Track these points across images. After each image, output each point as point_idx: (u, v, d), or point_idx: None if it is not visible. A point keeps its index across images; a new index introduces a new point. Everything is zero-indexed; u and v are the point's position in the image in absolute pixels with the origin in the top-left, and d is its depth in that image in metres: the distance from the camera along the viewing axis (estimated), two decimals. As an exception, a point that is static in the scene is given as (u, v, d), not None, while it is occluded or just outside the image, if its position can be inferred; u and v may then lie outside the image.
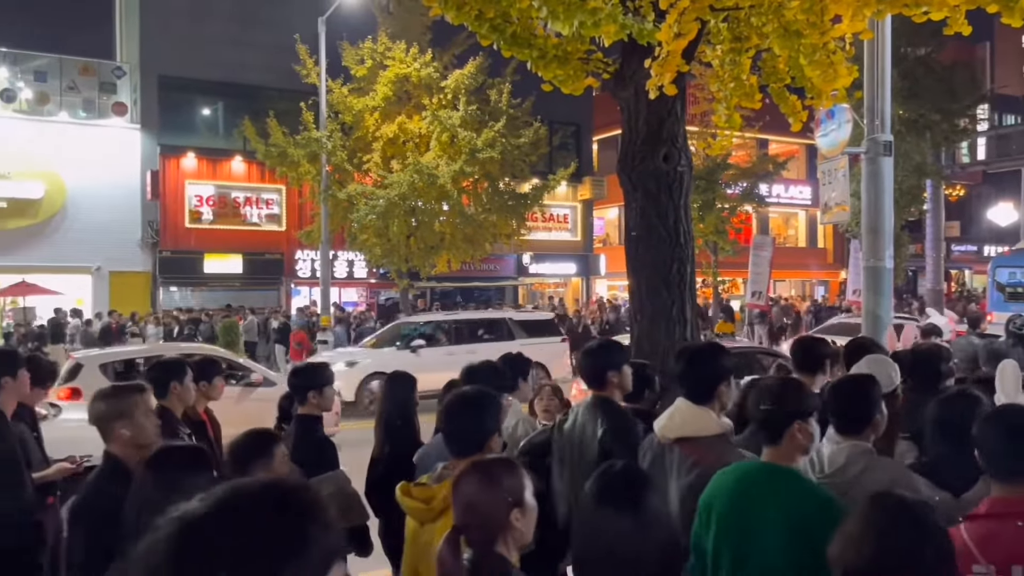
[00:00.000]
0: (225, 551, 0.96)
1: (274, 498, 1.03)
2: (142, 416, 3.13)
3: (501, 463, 2.26)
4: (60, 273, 23.21)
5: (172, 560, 0.95)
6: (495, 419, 2.85)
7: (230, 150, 26.05)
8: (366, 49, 20.63)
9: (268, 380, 10.77)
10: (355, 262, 26.80)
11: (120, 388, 3.30)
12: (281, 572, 0.97)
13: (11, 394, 4.06)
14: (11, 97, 23.68)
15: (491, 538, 2.09)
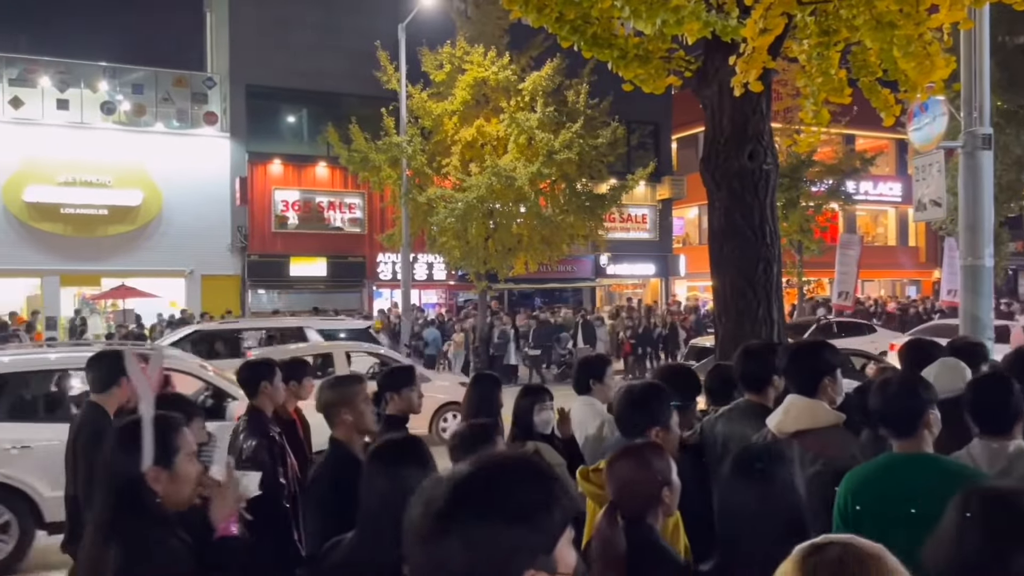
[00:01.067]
0: (494, 500, 1.19)
1: (530, 464, 1.28)
2: (362, 404, 3.43)
3: (652, 447, 2.62)
4: (156, 277, 24.28)
5: (451, 505, 1.19)
6: (656, 411, 3.10)
7: (314, 156, 26.76)
8: (445, 54, 20.89)
9: (424, 377, 11.29)
10: (435, 264, 27.12)
11: (344, 378, 3.65)
12: (532, 520, 1.19)
13: (124, 394, 4.24)
14: (111, 109, 24.90)
15: (644, 512, 2.42)
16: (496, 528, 1.17)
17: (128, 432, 2.36)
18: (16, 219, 23.59)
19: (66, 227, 24.18)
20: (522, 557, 1.18)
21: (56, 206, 24.00)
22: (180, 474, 2.38)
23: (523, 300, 29.32)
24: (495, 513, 1.18)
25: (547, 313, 23.26)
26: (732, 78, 4.96)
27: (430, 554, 1.19)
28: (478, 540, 1.16)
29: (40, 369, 7.32)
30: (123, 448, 2.34)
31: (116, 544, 2.18)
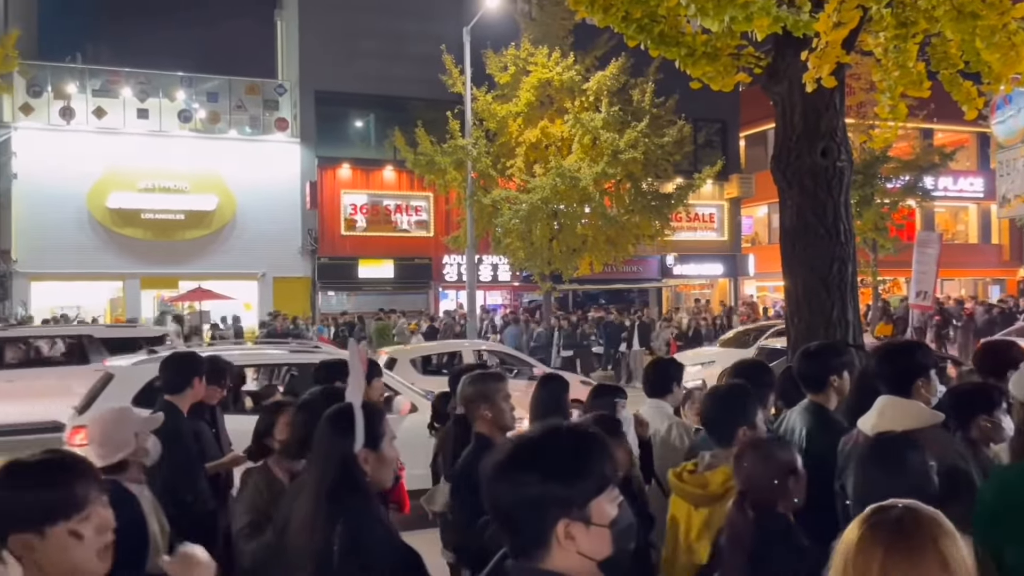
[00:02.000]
0: (536, 459, 1.54)
1: (577, 435, 1.59)
2: (502, 401, 3.54)
3: (776, 442, 2.84)
4: (230, 279, 25.00)
5: (507, 458, 1.55)
6: (745, 411, 3.18)
7: (382, 160, 27.18)
8: (509, 56, 20.96)
9: None
10: (499, 266, 27.22)
11: (485, 375, 3.74)
12: (566, 479, 1.50)
13: (196, 394, 4.40)
14: (188, 117, 25.78)
15: (773, 501, 2.60)
16: (534, 481, 1.51)
17: (341, 417, 2.55)
18: (100, 224, 24.61)
19: (146, 232, 25.11)
20: (556, 507, 1.50)
21: (137, 212, 24.96)
22: (385, 456, 2.59)
23: (588, 301, 29.20)
24: (535, 469, 1.52)
25: (575, 315, 23.16)
26: (804, 74, 4.84)
27: (489, 493, 1.56)
28: (520, 488, 1.51)
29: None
30: (336, 431, 2.53)
31: (341, 518, 2.37)
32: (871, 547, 1.53)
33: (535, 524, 1.51)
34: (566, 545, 1.49)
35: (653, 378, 4.45)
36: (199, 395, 4.44)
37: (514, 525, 1.53)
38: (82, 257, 24.02)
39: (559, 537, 1.50)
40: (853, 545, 1.56)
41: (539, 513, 1.50)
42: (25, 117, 24.08)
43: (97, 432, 3.14)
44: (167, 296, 25.67)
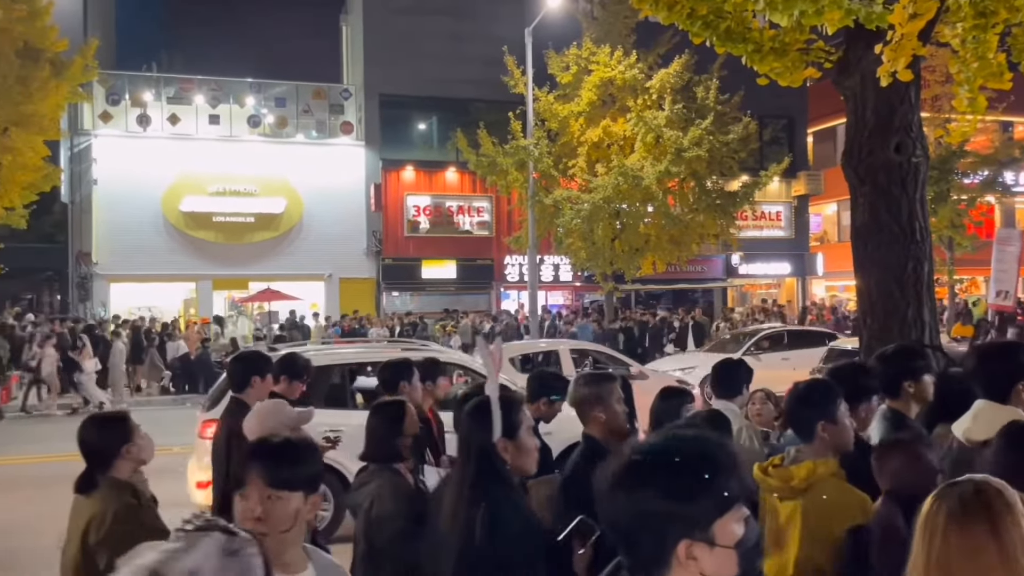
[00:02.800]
0: (656, 476, 1.43)
1: (701, 449, 1.48)
2: (616, 403, 3.51)
3: (919, 440, 2.91)
4: (298, 281, 25.55)
5: (623, 474, 1.46)
6: (825, 407, 3.13)
7: (444, 162, 27.42)
8: (571, 55, 20.92)
9: (643, 374, 12.02)
10: (561, 266, 27.17)
11: (598, 376, 3.71)
12: (688, 498, 1.40)
13: (258, 392, 4.48)
14: (256, 122, 26.44)
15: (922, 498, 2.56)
16: (654, 499, 1.41)
17: (479, 409, 2.68)
18: (174, 228, 25.44)
19: (217, 234, 25.85)
20: (677, 526, 1.41)
21: (208, 215, 25.71)
22: (523, 444, 2.69)
23: (651, 301, 28.93)
24: (654, 487, 1.42)
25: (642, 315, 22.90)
26: (877, 67, 4.71)
27: (605, 511, 1.50)
28: (639, 506, 1.43)
29: (342, 363, 8.40)
30: (475, 423, 2.66)
31: (484, 505, 2.49)
32: (935, 516, 1.74)
33: (654, 543, 1.42)
34: (687, 565, 1.41)
35: (722, 379, 4.37)
36: (262, 393, 4.51)
37: (631, 542, 1.46)
38: (158, 259, 24.87)
39: (680, 558, 1.41)
40: (923, 516, 1.76)
41: (658, 532, 1.42)
42: (104, 125, 25.05)
43: (254, 425, 3.33)
44: (237, 297, 26.38)
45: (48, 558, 3.38)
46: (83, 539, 2.89)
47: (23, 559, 7.05)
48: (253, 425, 3.40)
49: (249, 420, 3.47)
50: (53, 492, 8.88)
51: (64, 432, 12.56)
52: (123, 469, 3.05)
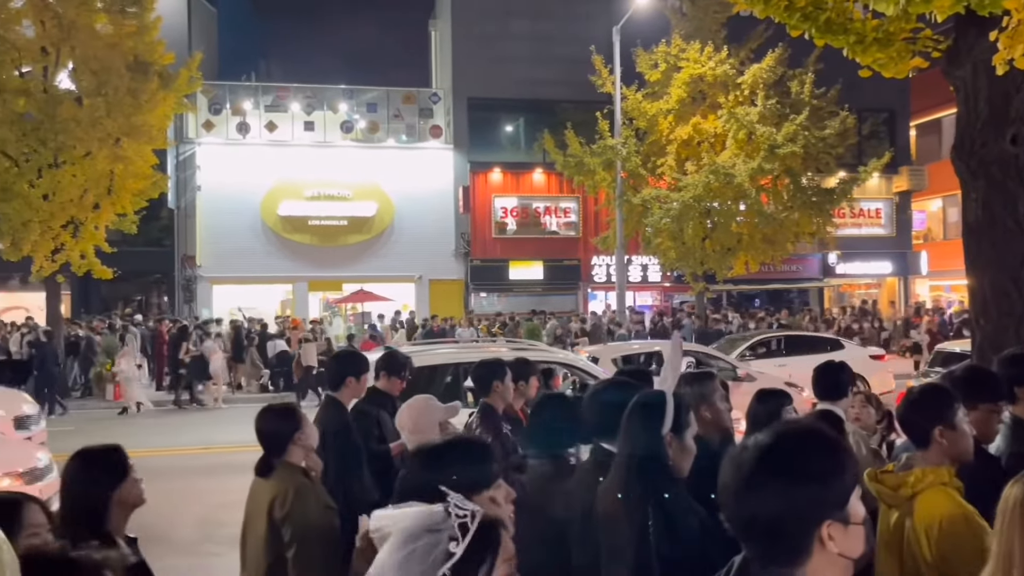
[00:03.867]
0: (792, 465, 1.48)
1: (822, 434, 1.56)
2: (719, 401, 3.59)
3: None
4: (389, 282, 26.10)
5: (757, 468, 1.49)
6: (940, 412, 3.05)
7: (531, 163, 27.50)
8: (660, 53, 20.66)
9: (749, 376, 12.01)
10: (649, 266, 26.87)
11: (701, 375, 3.80)
12: (826, 481, 1.48)
13: (353, 391, 4.60)
14: (349, 128, 27.15)
15: None
16: (793, 487, 1.47)
17: (651, 403, 2.68)
18: (272, 231, 26.38)
19: (313, 237, 26.66)
20: (819, 510, 1.48)
21: (304, 219, 26.55)
22: (687, 446, 2.68)
23: (743, 302, 28.27)
24: (791, 475, 1.48)
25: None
26: (990, 55, 4.47)
27: (741, 508, 1.51)
28: (779, 497, 1.46)
29: (456, 362, 8.58)
30: (646, 414, 2.65)
31: (653, 498, 2.49)
32: (1015, 499, 1.81)
33: (799, 529, 1.48)
34: (828, 547, 1.48)
35: (824, 382, 4.22)
36: (358, 391, 4.63)
37: (774, 532, 1.49)
38: (256, 262, 25.85)
39: (823, 540, 1.48)
40: (1006, 498, 1.82)
41: (803, 517, 1.48)
42: (207, 133, 26.19)
43: (407, 420, 3.50)
44: (332, 298, 27.13)
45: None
46: (269, 515, 3.28)
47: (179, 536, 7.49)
48: (404, 419, 3.53)
49: (401, 414, 3.60)
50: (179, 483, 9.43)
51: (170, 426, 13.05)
52: (295, 454, 3.41)
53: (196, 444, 12.94)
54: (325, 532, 3.35)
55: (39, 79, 16.41)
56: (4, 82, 16.03)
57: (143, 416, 16.17)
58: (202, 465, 11.12)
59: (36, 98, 16.10)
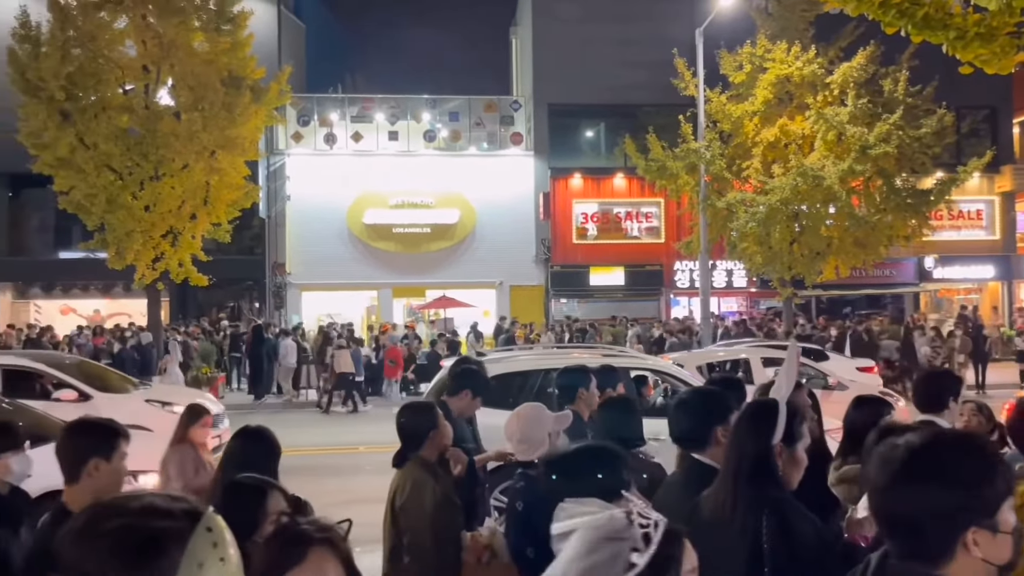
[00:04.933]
0: (941, 468, 1.51)
1: (975, 441, 1.60)
2: (807, 410, 3.48)
3: None
4: (471, 288, 26.35)
5: (905, 467, 1.53)
6: None
7: (612, 168, 27.35)
8: (744, 54, 20.26)
9: (841, 384, 11.97)
10: (734, 271, 26.36)
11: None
12: (973, 487, 1.49)
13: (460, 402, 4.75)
14: (432, 137, 27.58)
15: None
16: (940, 490, 1.49)
17: (763, 409, 2.62)
18: (358, 239, 27.00)
19: (396, 245, 27.17)
20: (965, 515, 1.49)
21: (389, 227, 27.09)
22: (797, 458, 2.63)
23: (833, 308, 27.36)
24: (940, 478, 1.50)
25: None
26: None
27: (883, 504, 1.56)
28: (925, 498, 1.50)
29: (549, 368, 8.45)
30: (757, 422, 2.58)
31: (766, 508, 2.44)
32: None
33: (943, 532, 1.51)
34: (973, 552, 1.50)
35: (925, 391, 4.06)
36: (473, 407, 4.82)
37: (917, 532, 1.53)
38: (343, 269, 26.51)
39: (967, 545, 1.50)
40: None
41: (949, 520, 1.50)
42: (296, 144, 27.02)
43: (516, 429, 3.48)
44: (415, 304, 27.57)
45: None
46: (391, 503, 3.65)
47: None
48: (513, 428, 3.51)
49: (510, 423, 3.57)
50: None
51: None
52: (429, 450, 3.65)
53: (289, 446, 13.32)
54: (439, 526, 3.48)
55: (141, 96, 17.26)
56: (109, 100, 16.93)
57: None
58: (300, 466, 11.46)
59: (138, 114, 16.93)
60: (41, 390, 10.80)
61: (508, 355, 9.36)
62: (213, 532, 1.16)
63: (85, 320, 25.87)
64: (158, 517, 1.14)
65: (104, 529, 1.12)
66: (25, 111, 16.59)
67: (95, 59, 16.74)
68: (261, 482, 2.34)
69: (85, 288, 27.13)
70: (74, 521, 1.16)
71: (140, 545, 1.11)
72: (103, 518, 1.14)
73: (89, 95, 16.78)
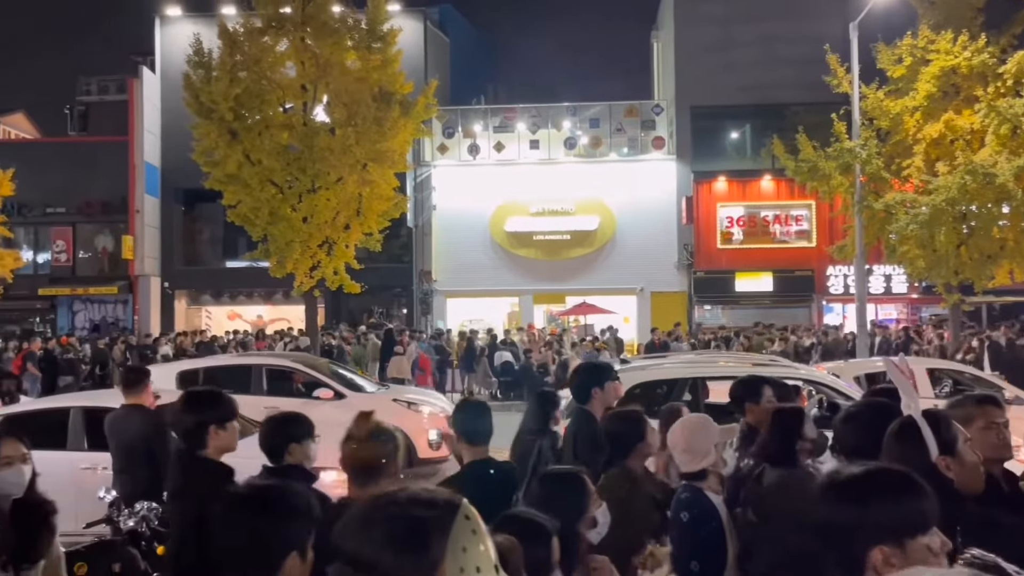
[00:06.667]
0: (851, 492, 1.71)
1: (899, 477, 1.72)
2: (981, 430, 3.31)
3: None
4: (611, 295, 26.23)
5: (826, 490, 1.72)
6: None
7: (758, 170, 26.51)
8: (904, 46, 19.07)
9: (1019, 398, 11.32)
10: (893, 276, 24.94)
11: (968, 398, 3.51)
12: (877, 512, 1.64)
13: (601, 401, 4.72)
14: (572, 144, 27.72)
15: None
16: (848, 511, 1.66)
17: (906, 430, 2.58)
18: (500, 247, 27.51)
19: (537, 252, 27.48)
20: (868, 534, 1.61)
21: (529, 234, 27.45)
22: (965, 459, 2.55)
23: (1005, 315, 25.23)
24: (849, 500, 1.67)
25: None
26: None
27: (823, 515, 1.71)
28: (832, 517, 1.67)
29: (694, 376, 8.41)
30: (906, 444, 2.53)
31: (960, 530, 2.37)
32: None
33: None
34: None
35: None
36: (606, 400, 4.75)
37: None
38: (486, 276, 27.11)
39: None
40: None
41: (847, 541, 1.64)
42: (441, 156, 27.89)
43: (680, 439, 3.44)
44: (555, 311, 27.74)
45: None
46: None
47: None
48: (677, 438, 3.45)
49: (674, 432, 3.52)
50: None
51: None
52: (634, 461, 3.66)
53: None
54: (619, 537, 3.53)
55: (300, 114, 18.31)
56: (271, 118, 18.07)
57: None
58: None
59: (297, 131, 17.97)
60: (298, 389, 11.57)
61: (652, 363, 9.21)
62: (471, 520, 1.27)
63: (249, 325, 27.73)
64: (424, 507, 1.26)
65: (378, 519, 1.24)
66: (198, 132, 17.97)
67: (259, 81, 17.91)
68: None
69: (249, 295, 29.10)
70: (350, 514, 1.29)
71: (410, 533, 1.22)
72: (377, 509, 1.26)
73: (254, 114, 17.96)
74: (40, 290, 27.86)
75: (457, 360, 21.36)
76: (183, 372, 11.09)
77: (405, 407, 10.96)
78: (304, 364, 11.87)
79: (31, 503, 3.32)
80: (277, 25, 18.09)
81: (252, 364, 11.83)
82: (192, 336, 23.07)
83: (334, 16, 18.24)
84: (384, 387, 13.01)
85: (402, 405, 11.04)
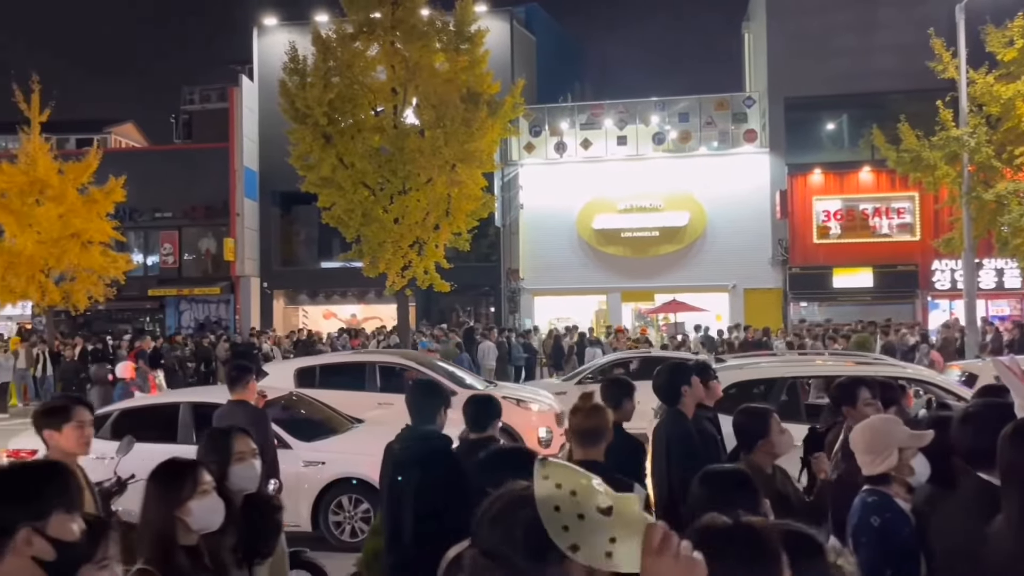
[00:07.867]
0: None
1: None
2: None
3: None
4: (702, 292, 25.74)
5: None
6: None
7: (857, 162, 25.55)
8: (1016, 28, 18.04)
9: None
10: (1005, 271, 23.60)
11: None
12: None
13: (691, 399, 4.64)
14: (661, 139, 27.33)
15: None
16: None
17: (1020, 433, 2.47)
18: (587, 244, 27.39)
19: (625, 249, 27.22)
20: None
21: (617, 231, 27.21)
22: None
23: None
24: None
25: None
26: None
27: None
28: None
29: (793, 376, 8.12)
30: (1018, 447, 2.43)
31: None
32: None
33: None
34: None
35: None
36: (696, 397, 4.67)
37: None
38: (573, 274, 27.04)
39: None
40: None
41: None
42: (528, 155, 27.96)
43: (862, 440, 3.29)
44: (643, 308, 27.42)
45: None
46: None
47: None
48: (858, 439, 3.28)
49: (855, 433, 3.35)
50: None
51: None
52: (760, 457, 3.57)
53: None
54: None
55: (390, 116, 18.67)
56: (363, 122, 18.49)
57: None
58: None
59: (388, 134, 18.34)
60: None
61: (749, 362, 8.98)
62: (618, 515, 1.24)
63: (343, 323, 28.49)
64: None
65: (518, 518, 1.24)
66: (294, 136, 18.56)
67: (351, 85, 18.35)
68: None
69: (343, 294, 29.90)
70: (492, 505, 1.30)
71: (547, 538, 1.21)
72: (518, 507, 1.26)
73: (347, 118, 18.42)
74: (150, 291, 29.35)
75: (546, 358, 21.40)
76: (300, 369, 11.46)
77: (514, 404, 10.74)
78: (415, 361, 12.07)
79: (261, 499, 3.41)
80: (368, 30, 18.50)
81: (366, 361, 12.09)
82: (290, 335, 23.85)
83: (423, 19, 18.52)
84: (492, 384, 13.08)
85: (511, 402, 10.76)
